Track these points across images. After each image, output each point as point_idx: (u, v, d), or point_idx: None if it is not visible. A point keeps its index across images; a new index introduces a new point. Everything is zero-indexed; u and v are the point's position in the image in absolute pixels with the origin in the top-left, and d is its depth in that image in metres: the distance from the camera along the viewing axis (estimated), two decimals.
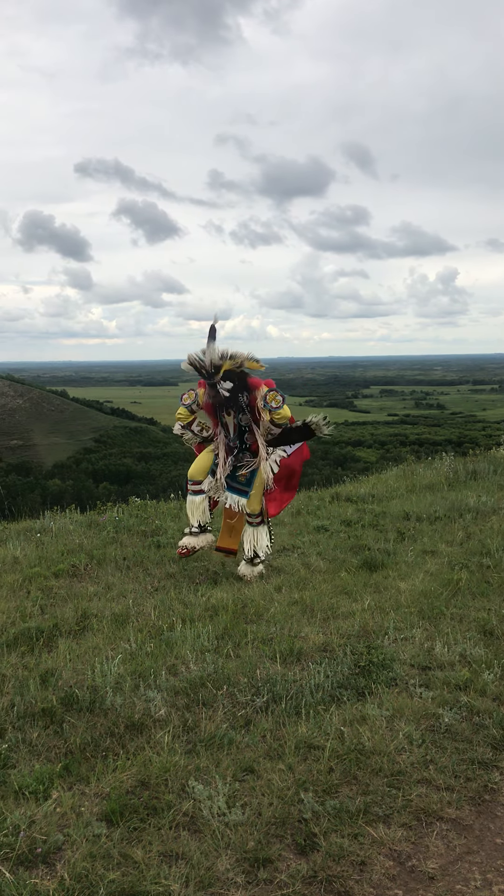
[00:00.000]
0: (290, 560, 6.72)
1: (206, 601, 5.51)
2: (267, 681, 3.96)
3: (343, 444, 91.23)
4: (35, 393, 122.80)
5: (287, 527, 8.10)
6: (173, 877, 2.55)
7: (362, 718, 3.61)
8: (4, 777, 3.12)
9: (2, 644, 4.67)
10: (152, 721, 3.60)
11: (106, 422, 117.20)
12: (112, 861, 2.62)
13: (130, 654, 4.43)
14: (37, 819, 2.82)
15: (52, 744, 3.43)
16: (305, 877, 2.60)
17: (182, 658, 4.35)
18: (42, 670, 4.19)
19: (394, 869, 2.67)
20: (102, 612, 5.26)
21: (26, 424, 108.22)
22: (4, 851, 2.66)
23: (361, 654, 4.23)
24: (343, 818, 2.89)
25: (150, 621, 5.08)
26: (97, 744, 3.41)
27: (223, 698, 3.83)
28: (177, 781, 3.10)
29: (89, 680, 3.97)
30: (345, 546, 7.13)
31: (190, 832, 2.82)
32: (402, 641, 4.62)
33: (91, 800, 2.99)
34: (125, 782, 3.07)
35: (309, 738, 3.43)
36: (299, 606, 5.32)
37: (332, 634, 4.73)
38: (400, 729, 3.51)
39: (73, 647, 4.58)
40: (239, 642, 4.62)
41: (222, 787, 3.03)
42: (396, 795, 3.05)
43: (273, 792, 3.04)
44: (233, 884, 2.56)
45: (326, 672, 4.06)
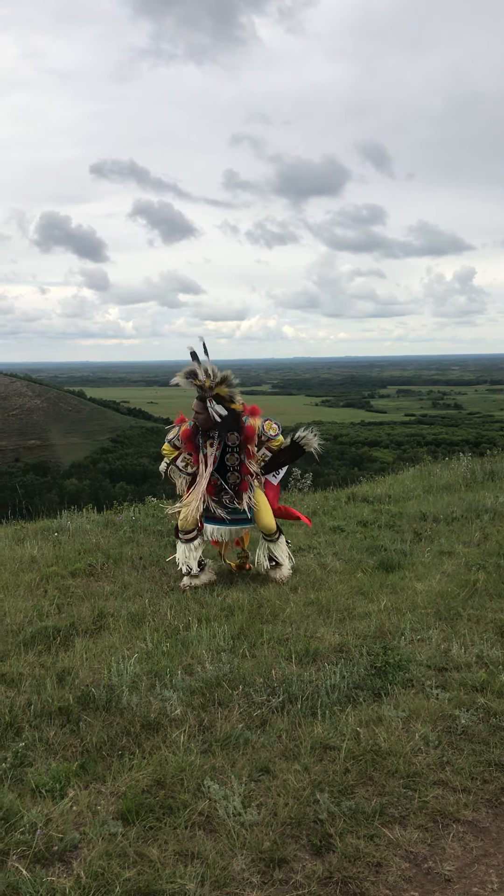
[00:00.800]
0: (306, 560, 6.71)
1: (222, 601, 5.52)
2: (283, 681, 3.96)
3: (359, 445, 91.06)
4: (53, 393, 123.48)
5: (302, 527, 8.08)
6: (189, 876, 2.56)
7: (378, 719, 3.60)
8: (21, 775, 3.14)
9: (19, 643, 4.70)
10: (168, 720, 3.61)
11: (122, 422, 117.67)
12: (128, 860, 2.63)
13: (146, 653, 4.44)
14: (53, 817, 2.84)
15: (68, 742, 3.45)
16: (321, 878, 2.60)
17: (198, 658, 4.35)
18: (59, 669, 4.21)
19: (410, 871, 2.66)
20: (119, 612, 5.28)
21: (44, 424, 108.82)
22: (21, 849, 2.67)
23: (377, 655, 4.22)
24: (359, 819, 2.88)
25: (167, 621, 5.09)
26: (113, 743, 3.43)
27: (239, 698, 3.83)
28: (192, 781, 3.10)
29: (106, 679, 3.99)
30: (361, 547, 7.11)
31: (205, 832, 2.83)
32: (419, 642, 4.60)
33: (107, 798, 3.00)
34: (141, 781, 3.08)
35: (325, 739, 3.42)
36: (315, 607, 5.31)
37: (348, 635, 4.72)
38: (416, 730, 3.50)
39: (90, 647, 4.60)
40: (255, 642, 4.62)
41: (238, 786, 3.04)
42: (412, 797, 3.03)
43: (289, 792, 3.03)
44: (248, 884, 2.56)
45: (342, 673, 4.05)
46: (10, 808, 2.87)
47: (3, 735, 3.50)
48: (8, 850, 2.67)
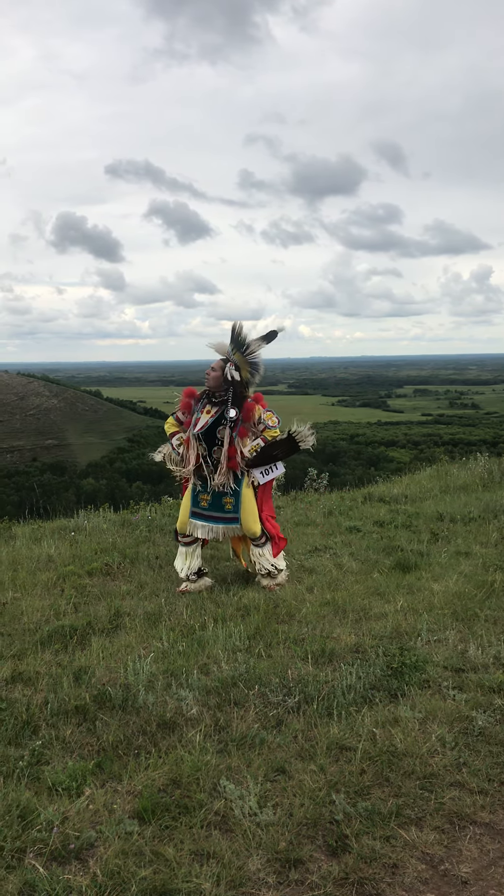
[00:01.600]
0: (322, 560, 6.70)
1: (238, 601, 5.52)
2: (298, 681, 3.95)
3: (376, 445, 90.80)
4: (70, 393, 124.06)
5: (319, 527, 8.08)
6: (204, 875, 2.56)
7: (395, 720, 3.58)
8: (38, 773, 3.16)
9: (36, 641, 4.73)
10: (184, 720, 3.61)
11: (139, 421, 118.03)
12: (144, 858, 2.64)
13: (162, 652, 4.45)
14: (70, 815, 2.85)
15: (84, 741, 3.46)
16: (337, 878, 2.59)
17: (214, 657, 4.36)
18: (75, 668, 4.23)
19: (426, 872, 2.64)
20: (135, 611, 5.30)
21: (61, 424, 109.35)
22: (38, 847, 2.69)
23: (394, 656, 4.20)
24: (375, 820, 2.87)
25: (182, 620, 5.10)
26: (129, 742, 3.44)
27: (255, 698, 3.83)
28: (208, 780, 3.11)
29: (122, 678, 4.00)
30: (377, 547, 7.09)
31: (221, 831, 2.83)
32: (436, 643, 4.58)
33: (123, 797, 3.01)
34: (157, 780, 3.09)
35: (341, 740, 3.41)
36: (331, 607, 5.30)
37: (364, 635, 4.71)
38: (433, 731, 3.48)
39: (106, 646, 4.62)
40: (270, 642, 4.62)
41: (254, 786, 3.03)
42: (429, 798, 3.02)
43: (304, 793, 3.03)
44: (264, 884, 2.56)
45: (358, 673, 4.04)
46: (27, 805, 2.89)
47: (20, 733, 3.52)
48: (25, 848, 2.69)
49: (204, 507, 6.05)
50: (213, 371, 5.96)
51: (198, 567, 6.07)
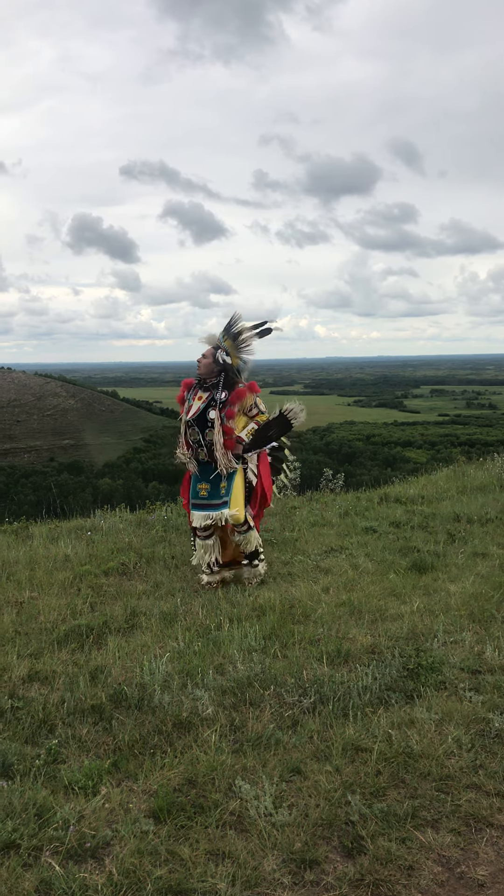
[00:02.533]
0: (337, 561, 6.68)
1: (254, 601, 5.52)
2: (314, 682, 3.95)
3: (392, 445, 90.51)
4: (86, 393, 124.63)
5: (335, 528, 8.06)
6: (220, 875, 2.56)
7: (411, 721, 3.57)
8: (55, 772, 3.18)
9: (53, 640, 4.75)
10: (200, 720, 3.62)
11: (155, 422, 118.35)
12: (159, 858, 2.65)
13: (178, 652, 4.46)
14: (86, 814, 2.86)
15: (101, 740, 3.48)
16: (352, 880, 2.58)
17: (229, 657, 4.36)
18: (92, 667, 4.25)
19: (442, 875, 2.63)
20: (151, 611, 5.31)
21: (78, 424, 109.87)
22: (55, 845, 2.70)
23: (410, 657, 4.19)
24: (391, 822, 2.86)
25: (198, 620, 5.11)
26: (145, 741, 3.45)
27: (270, 698, 3.83)
28: (224, 780, 3.11)
29: (138, 677, 4.01)
30: (393, 548, 7.07)
31: (237, 831, 2.83)
32: (452, 644, 4.56)
33: (139, 796, 3.02)
34: (172, 780, 3.10)
35: (356, 740, 3.41)
36: (347, 608, 5.29)
37: (380, 636, 4.70)
38: (449, 733, 3.47)
39: (122, 645, 4.63)
40: (286, 643, 4.61)
41: (269, 787, 3.03)
42: (445, 800, 3.01)
43: (320, 793, 3.03)
44: (279, 884, 2.56)
45: (374, 674, 4.03)
46: (44, 804, 2.90)
47: (36, 732, 3.54)
48: (41, 846, 2.70)
49: (203, 496, 6.08)
50: (205, 358, 6.07)
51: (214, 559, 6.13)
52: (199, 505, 6.12)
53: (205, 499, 6.08)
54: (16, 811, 2.85)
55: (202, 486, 6.09)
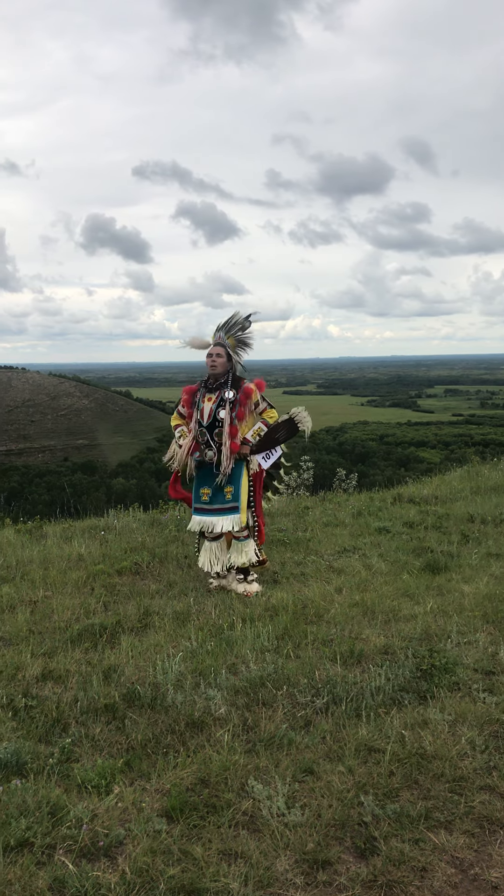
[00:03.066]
0: (351, 561, 6.67)
1: (267, 601, 5.52)
2: (327, 682, 3.94)
3: (406, 445, 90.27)
4: (100, 393, 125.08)
5: (348, 528, 8.05)
6: (232, 875, 2.56)
7: (424, 722, 3.56)
8: (68, 771, 3.19)
9: (66, 640, 4.77)
10: (212, 719, 3.62)
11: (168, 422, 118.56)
12: (172, 857, 2.65)
13: (191, 652, 4.46)
14: (99, 813, 2.87)
15: (114, 739, 3.48)
16: (365, 881, 2.58)
17: (242, 657, 4.36)
18: (105, 666, 4.26)
19: (456, 876, 2.62)
20: (164, 610, 5.32)
21: (92, 424, 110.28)
22: (68, 843, 2.71)
23: (423, 658, 4.18)
24: (404, 823, 2.85)
25: (211, 620, 5.11)
26: (158, 740, 3.45)
27: (283, 698, 3.83)
28: (236, 780, 3.11)
29: (151, 677, 4.02)
30: (407, 548, 7.05)
31: (249, 831, 2.83)
32: (466, 645, 4.54)
33: (152, 796, 3.03)
34: (185, 779, 3.10)
35: (369, 741, 3.40)
36: (360, 608, 5.28)
37: (393, 637, 4.68)
38: (462, 734, 3.46)
39: (136, 644, 4.64)
40: (299, 643, 4.61)
41: (282, 787, 3.03)
42: (458, 801, 3.00)
43: (333, 794, 3.02)
44: (292, 885, 2.56)
45: (387, 675, 4.02)
46: (57, 802, 2.92)
47: (50, 731, 3.55)
48: (55, 845, 2.71)
49: (205, 501, 6.04)
50: (220, 357, 6.01)
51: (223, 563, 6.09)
52: (202, 510, 6.06)
53: (206, 504, 6.03)
54: (29, 809, 2.87)
55: (204, 491, 6.04)
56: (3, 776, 3.12)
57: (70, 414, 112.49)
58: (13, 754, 3.22)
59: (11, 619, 5.16)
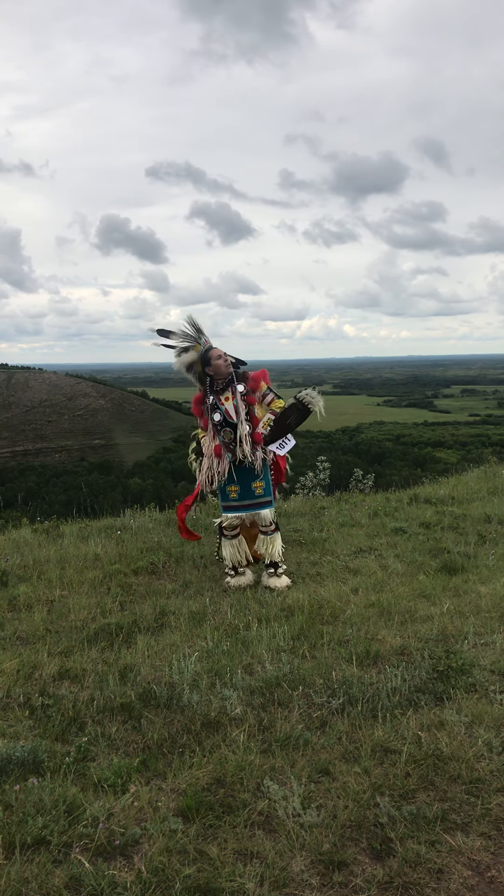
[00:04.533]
0: (367, 562, 6.65)
1: (282, 601, 5.52)
2: (343, 683, 3.94)
3: (423, 445, 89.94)
4: (117, 394, 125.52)
5: (364, 528, 8.03)
6: (248, 875, 2.57)
7: (440, 724, 3.55)
8: (84, 770, 3.20)
9: (83, 639, 4.78)
10: (228, 719, 3.62)
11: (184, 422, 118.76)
12: (188, 856, 2.65)
13: (207, 651, 4.47)
14: (115, 812, 2.88)
15: (130, 738, 3.50)
16: (381, 882, 2.57)
17: (258, 657, 4.36)
18: (121, 666, 4.27)
19: (472, 878, 2.61)
20: (180, 610, 5.33)
21: (108, 424, 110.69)
22: (84, 842, 2.72)
23: (440, 659, 4.16)
24: (420, 824, 2.84)
25: (227, 620, 5.12)
26: (174, 740, 3.46)
27: (299, 699, 3.82)
28: (252, 780, 3.11)
29: (167, 677, 4.03)
30: (423, 549, 7.02)
31: (265, 831, 2.83)
32: (483, 647, 4.52)
33: (168, 795, 3.03)
34: (201, 779, 3.11)
35: (385, 742, 3.39)
36: (376, 609, 5.27)
37: (409, 638, 4.67)
38: (479, 736, 3.44)
39: (152, 644, 4.65)
40: (315, 643, 4.60)
41: (297, 787, 3.03)
42: (475, 803, 2.98)
43: (348, 795, 3.02)
44: (307, 885, 2.56)
45: (404, 676, 4.00)
46: (74, 801, 2.93)
47: (66, 730, 3.57)
48: (71, 843, 2.73)
49: (234, 498, 6.11)
50: (221, 358, 5.97)
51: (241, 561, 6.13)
52: (231, 507, 6.15)
53: (235, 500, 6.10)
54: (46, 808, 2.88)
55: (232, 489, 6.09)
56: (21, 774, 3.14)
57: (87, 414, 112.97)
58: (30, 753, 3.24)
59: (28, 619, 5.19)
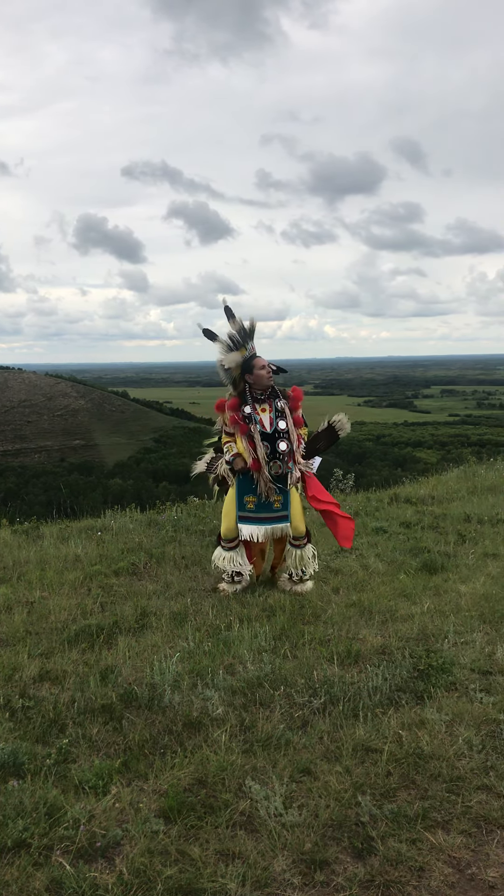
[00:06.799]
0: (348, 562, 6.68)
1: (264, 601, 5.52)
2: (324, 682, 3.95)
3: (403, 445, 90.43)
4: (97, 394, 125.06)
5: None
6: (230, 875, 2.56)
7: (421, 722, 3.57)
8: (65, 771, 3.18)
9: (63, 640, 4.76)
10: (210, 720, 3.62)
11: (165, 422, 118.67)
12: (170, 857, 2.65)
13: (188, 652, 4.46)
14: (96, 813, 2.87)
15: (111, 740, 3.48)
16: (362, 881, 2.58)
17: (239, 657, 4.36)
18: (102, 667, 4.25)
19: (453, 876, 2.63)
20: (161, 611, 5.32)
21: (89, 425, 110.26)
22: (65, 844, 2.71)
23: (420, 658, 4.18)
24: (401, 822, 2.86)
25: (208, 620, 5.11)
26: (155, 741, 3.45)
27: (280, 699, 3.83)
28: (234, 781, 3.11)
29: (148, 677, 4.02)
30: (404, 548, 7.06)
31: (247, 832, 2.83)
32: (462, 645, 4.55)
33: (149, 796, 3.02)
34: (183, 780, 3.10)
35: (366, 741, 3.40)
36: (357, 608, 5.29)
37: (390, 637, 4.69)
38: (459, 734, 3.46)
39: (133, 645, 4.64)
40: (296, 643, 4.61)
41: (279, 787, 3.03)
42: (456, 801, 3.00)
43: (330, 794, 3.02)
44: (289, 885, 2.56)
45: (384, 675, 4.02)
46: (55, 803, 2.91)
47: (47, 731, 3.55)
48: (52, 845, 2.71)
49: (251, 509, 5.93)
50: (265, 368, 5.89)
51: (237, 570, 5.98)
52: (248, 518, 5.94)
53: (252, 512, 5.93)
54: (26, 810, 2.86)
55: (250, 500, 5.93)
56: (1, 777, 3.12)
57: (67, 414, 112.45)
58: (10, 755, 3.22)
59: (8, 620, 5.16)
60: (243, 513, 5.96)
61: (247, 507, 5.96)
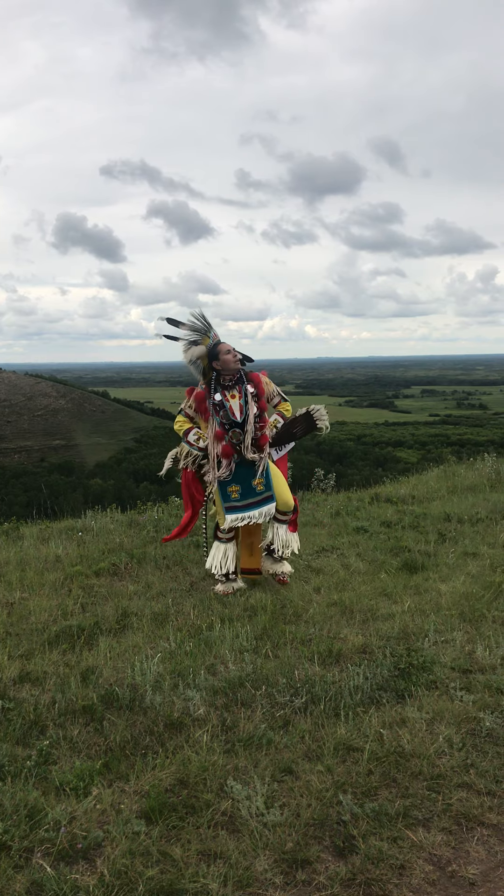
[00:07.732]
0: (329, 561, 6.69)
1: (245, 601, 5.52)
2: (306, 682, 3.95)
3: (383, 445, 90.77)
4: (77, 394, 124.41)
5: (326, 528, 8.07)
6: (212, 876, 2.56)
7: (402, 721, 3.58)
8: (46, 773, 3.16)
9: (44, 641, 4.74)
10: (191, 720, 3.61)
11: (146, 422, 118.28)
12: (151, 858, 2.64)
13: (170, 652, 4.45)
14: (77, 815, 2.86)
15: (92, 741, 3.47)
16: (344, 879, 2.59)
17: (221, 657, 4.36)
18: (83, 668, 4.24)
19: (434, 874, 2.64)
20: (142, 611, 5.30)
21: (69, 425, 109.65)
22: (46, 846, 2.69)
23: (401, 657, 4.20)
24: (382, 821, 2.87)
25: (190, 620, 5.11)
26: (137, 742, 3.44)
27: (262, 698, 3.83)
28: (215, 781, 3.11)
29: (129, 678, 4.01)
30: (384, 547, 7.08)
31: (228, 832, 2.83)
32: (443, 644, 4.57)
33: (130, 797, 3.01)
34: (164, 780, 3.09)
35: (348, 740, 3.41)
36: (338, 608, 5.30)
37: (371, 636, 4.70)
38: (440, 732, 3.48)
39: (114, 646, 4.63)
40: (277, 643, 4.62)
41: (261, 787, 3.03)
42: (436, 799, 3.02)
43: (311, 793, 3.03)
44: (271, 884, 2.56)
45: (366, 674, 4.03)
46: (35, 805, 2.89)
47: (27, 733, 3.53)
48: (32, 848, 2.69)
49: (235, 498, 5.94)
50: (230, 353, 5.89)
51: (232, 568, 6.00)
52: (234, 508, 5.95)
53: (238, 500, 5.94)
54: (7, 812, 2.85)
55: (233, 489, 5.94)
56: None
57: (47, 414, 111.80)
58: None
59: None
60: (229, 503, 5.97)
61: (231, 497, 5.96)
